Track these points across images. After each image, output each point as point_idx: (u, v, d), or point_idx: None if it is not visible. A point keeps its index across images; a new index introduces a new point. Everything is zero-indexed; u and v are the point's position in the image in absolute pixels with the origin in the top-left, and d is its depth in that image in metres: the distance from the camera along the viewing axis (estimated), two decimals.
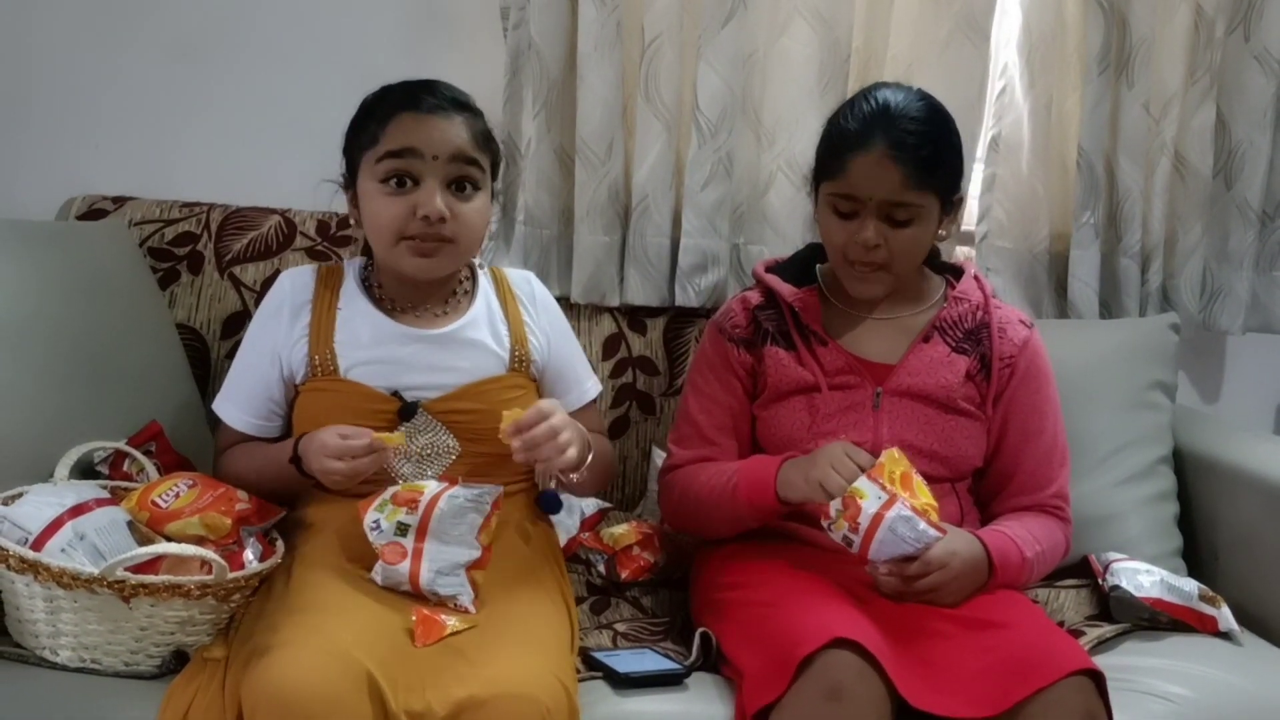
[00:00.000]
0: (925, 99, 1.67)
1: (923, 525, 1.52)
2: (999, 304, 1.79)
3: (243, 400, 1.66)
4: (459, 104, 1.62)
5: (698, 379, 1.79)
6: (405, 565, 1.46)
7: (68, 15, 2.08)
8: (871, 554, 1.52)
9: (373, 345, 1.62)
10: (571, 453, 1.53)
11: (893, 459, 1.55)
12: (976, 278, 1.80)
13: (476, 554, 1.49)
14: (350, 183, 1.65)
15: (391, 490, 1.49)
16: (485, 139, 1.63)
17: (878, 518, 1.50)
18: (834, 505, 1.53)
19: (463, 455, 1.61)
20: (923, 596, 1.54)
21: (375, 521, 1.47)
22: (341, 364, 1.61)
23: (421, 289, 1.66)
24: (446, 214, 1.56)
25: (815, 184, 1.72)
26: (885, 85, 1.70)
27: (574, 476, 1.60)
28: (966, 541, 1.58)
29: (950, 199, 1.69)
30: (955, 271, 1.81)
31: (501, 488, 1.52)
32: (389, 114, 1.59)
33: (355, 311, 1.64)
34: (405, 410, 1.59)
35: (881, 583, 1.55)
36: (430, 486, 1.49)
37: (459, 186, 1.59)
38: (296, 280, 1.68)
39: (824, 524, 1.55)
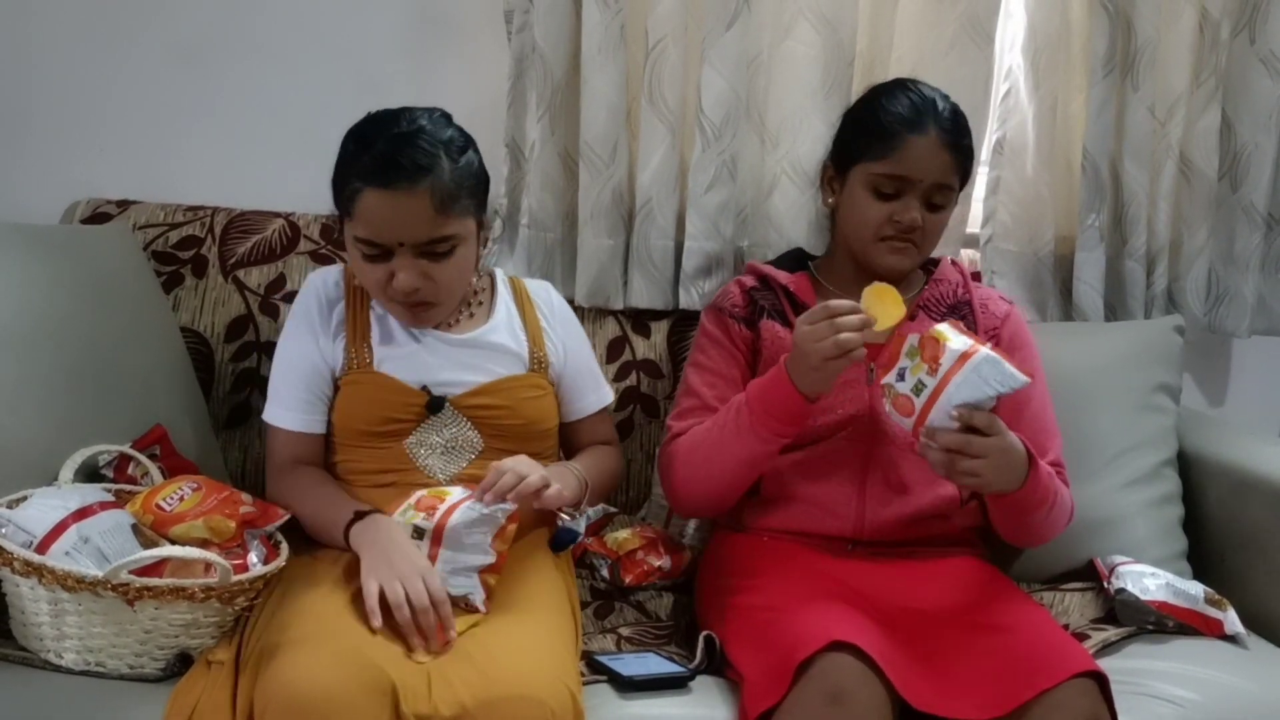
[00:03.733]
0: (950, 99, 1.77)
1: (1009, 367, 1.47)
2: (977, 284, 1.87)
3: (293, 399, 1.67)
4: (416, 168, 1.53)
5: (699, 356, 1.81)
6: None
7: (72, 19, 2.08)
8: (949, 392, 1.47)
9: (404, 343, 1.67)
10: (534, 478, 1.51)
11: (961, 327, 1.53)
12: (953, 262, 1.88)
13: (491, 559, 1.50)
14: (340, 227, 1.64)
15: (418, 495, 1.52)
16: (454, 197, 1.56)
17: (964, 356, 1.47)
18: (909, 342, 1.49)
19: (485, 450, 1.65)
20: (965, 475, 1.52)
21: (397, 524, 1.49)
22: (375, 357, 1.65)
23: None
24: (419, 286, 1.58)
25: (844, 166, 1.77)
26: (916, 82, 1.78)
27: (566, 515, 1.63)
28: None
29: (961, 191, 1.80)
30: (932, 262, 1.88)
31: (515, 506, 1.51)
32: (357, 190, 1.54)
33: (385, 311, 1.68)
34: (433, 404, 1.63)
35: (933, 459, 1.52)
36: (453, 493, 1.51)
37: (432, 253, 1.58)
38: (328, 278, 1.72)
39: (887, 379, 1.52)
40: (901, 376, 1.51)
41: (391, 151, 1.54)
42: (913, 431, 1.53)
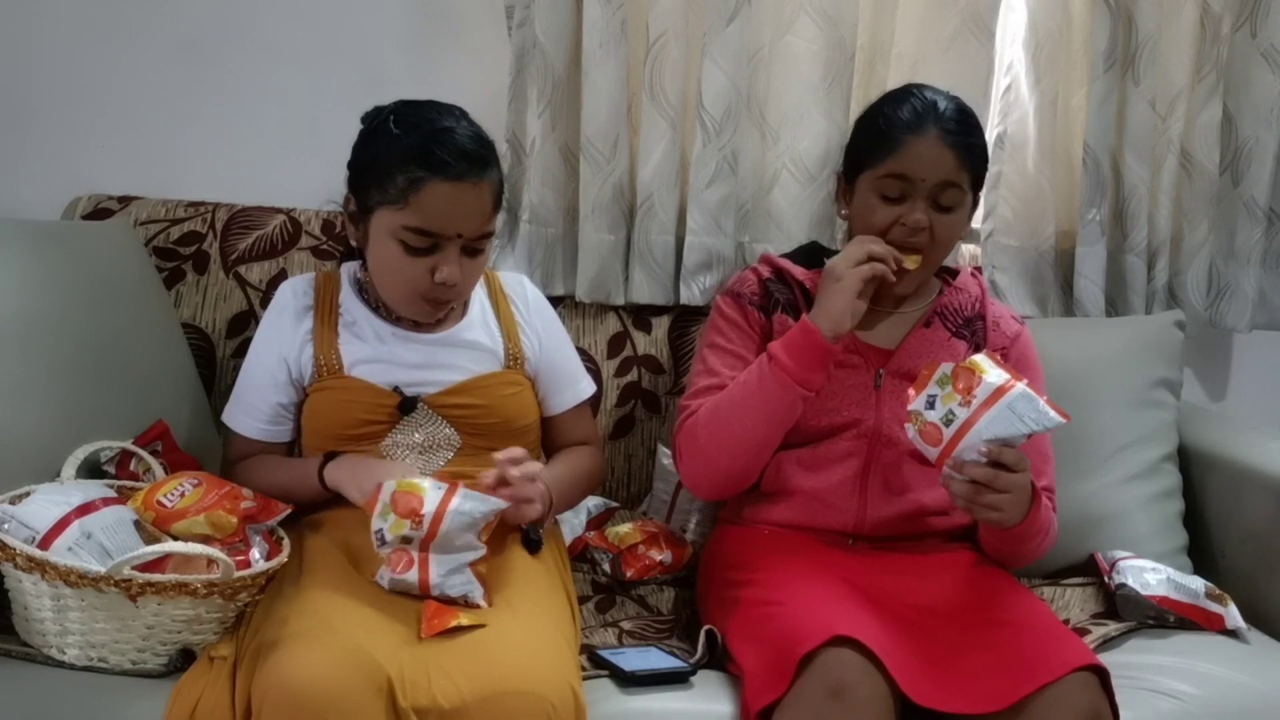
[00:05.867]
0: (959, 101, 1.75)
1: (1044, 406, 1.45)
2: (993, 300, 1.85)
3: (253, 408, 1.67)
4: (484, 162, 1.57)
5: (715, 337, 1.78)
6: (414, 574, 1.46)
7: (73, 14, 2.08)
8: (980, 427, 1.45)
9: (375, 346, 1.65)
10: (533, 496, 1.54)
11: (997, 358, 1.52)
12: (973, 273, 1.86)
13: (481, 552, 1.49)
14: (359, 214, 1.62)
15: (389, 491, 1.47)
16: (501, 193, 1.62)
17: (999, 391, 1.45)
18: (941, 371, 1.47)
19: (463, 447, 1.65)
20: (986, 510, 1.51)
21: (379, 531, 1.46)
22: (345, 363, 1.63)
23: None
24: (461, 279, 1.59)
25: (851, 175, 1.76)
26: (923, 86, 1.76)
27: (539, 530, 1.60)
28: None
29: (976, 195, 1.76)
30: (951, 273, 1.86)
31: (506, 504, 1.50)
32: (418, 179, 1.53)
33: (356, 316, 1.67)
34: (405, 405, 1.62)
35: (956, 490, 1.51)
36: (429, 493, 1.47)
37: (474, 247, 1.60)
38: (297, 287, 1.71)
39: (914, 405, 1.50)
40: (931, 405, 1.48)
41: (461, 144, 1.56)
42: (937, 461, 1.51)
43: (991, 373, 1.47)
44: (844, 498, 1.71)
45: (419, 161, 1.54)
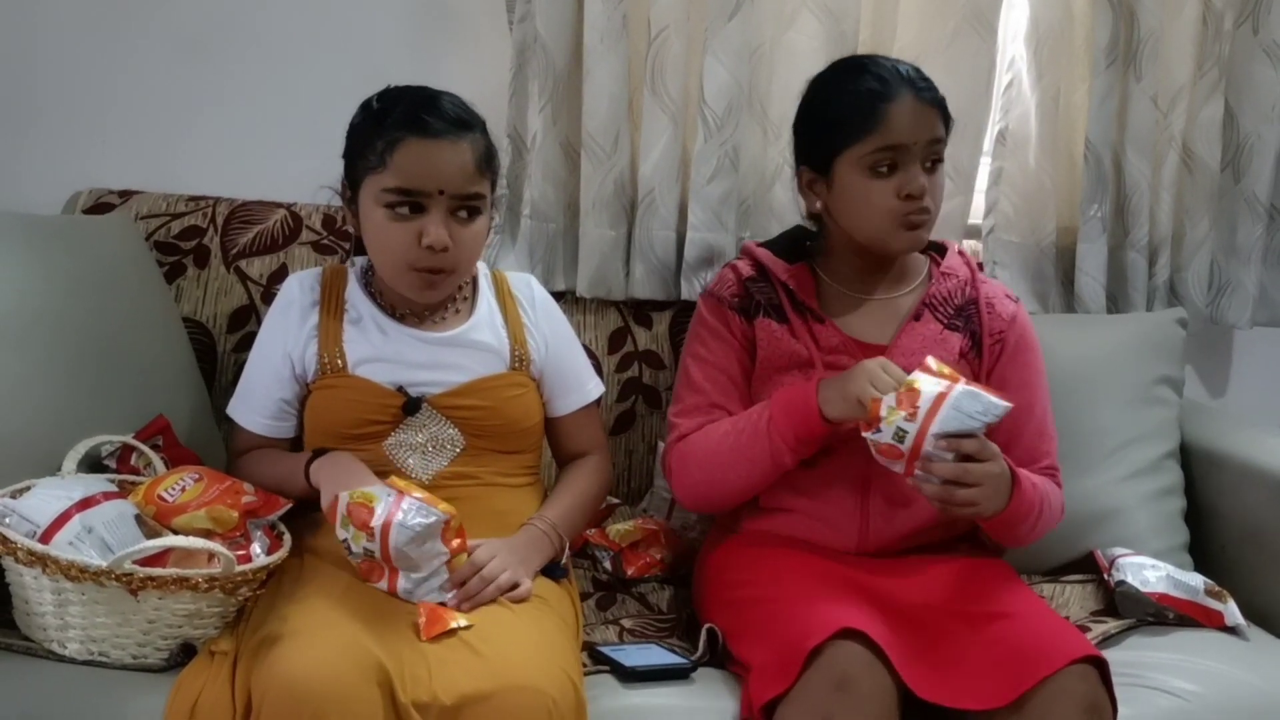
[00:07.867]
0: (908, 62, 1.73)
1: (990, 397, 1.48)
2: (984, 279, 1.80)
3: (256, 402, 1.67)
4: (464, 124, 1.59)
5: (699, 348, 1.76)
6: (384, 584, 1.47)
7: (75, 9, 2.08)
8: (934, 429, 1.46)
9: (380, 345, 1.65)
10: (504, 578, 1.50)
11: (936, 362, 1.52)
12: (961, 253, 1.81)
13: (447, 555, 1.48)
14: (351, 194, 1.63)
15: (344, 502, 1.46)
16: (488, 159, 1.61)
17: (940, 397, 1.47)
18: (886, 401, 1.49)
19: (467, 448, 1.64)
20: (963, 506, 1.50)
21: (345, 540, 1.47)
22: (350, 361, 1.63)
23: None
24: (450, 244, 1.57)
25: (824, 163, 1.68)
26: (859, 56, 1.75)
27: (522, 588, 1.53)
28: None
29: None
30: (939, 249, 1.81)
31: (447, 515, 1.47)
32: (396, 139, 1.55)
33: (362, 313, 1.67)
34: (409, 405, 1.61)
35: (929, 492, 1.50)
36: (379, 505, 1.45)
37: (462, 211, 1.59)
38: (304, 282, 1.70)
39: (868, 434, 1.50)
40: (879, 430, 1.50)
41: (435, 105, 1.58)
42: (904, 473, 1.51)
43: (929, 385, 1.49)
44: (845, 516, 1.67)
45: (397, 124, 1.56)
